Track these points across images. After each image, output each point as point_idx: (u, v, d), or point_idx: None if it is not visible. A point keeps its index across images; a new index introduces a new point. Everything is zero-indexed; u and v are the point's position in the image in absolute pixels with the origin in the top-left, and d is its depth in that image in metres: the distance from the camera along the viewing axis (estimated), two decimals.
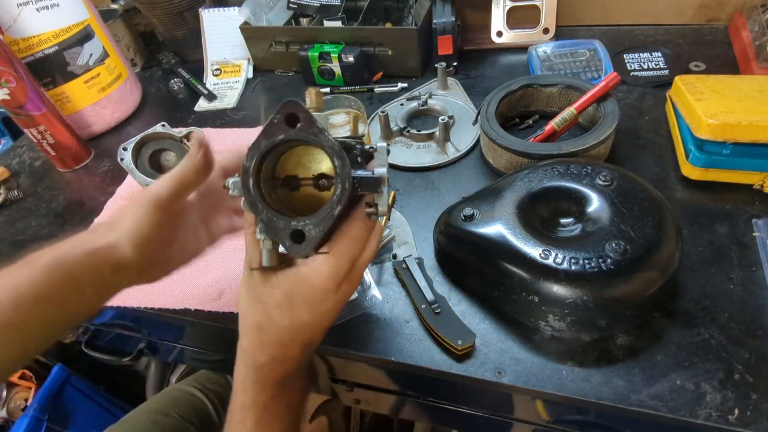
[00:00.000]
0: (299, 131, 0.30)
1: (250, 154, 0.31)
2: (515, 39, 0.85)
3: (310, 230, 0.31)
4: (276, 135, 0.31)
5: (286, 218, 0.31)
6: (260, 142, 0.31)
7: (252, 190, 0.32)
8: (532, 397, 0.48)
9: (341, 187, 0.30)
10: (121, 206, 0.36)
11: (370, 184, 0.32)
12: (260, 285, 0.35)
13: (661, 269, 0.40)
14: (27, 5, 0.73)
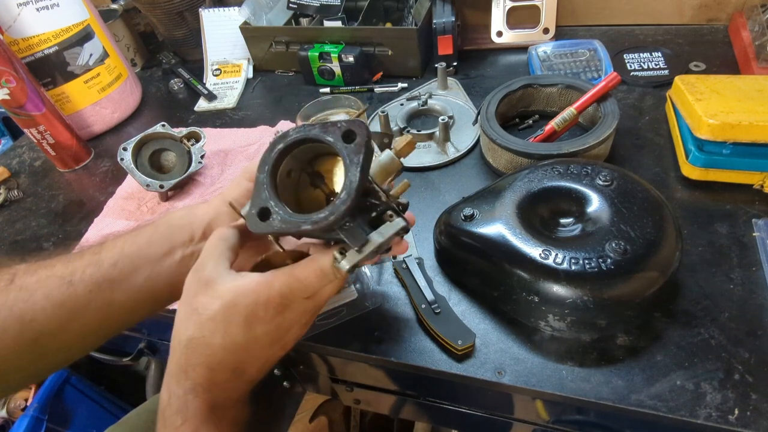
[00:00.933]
0: (342, 143, 0.31)
1: (298, 129, 0.33)
2: (515, 39, 0.85)
3: (277, 214, 0.32)
4: (327, 135, 0.32)
5: (279, 201, 0.32)
6: (315, 127, 0.33)
7: (273, 151, 0.33)
8: (532, 397, 0.48)
9: (332, 214, 0.30)
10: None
11: (355, 238, 0.32)
12: (201, 293, 0.33)
13: (661, 269, 0.40)
14: (27, 5, 0.73)
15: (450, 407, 0.58)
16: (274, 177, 0.33)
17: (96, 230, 0.68)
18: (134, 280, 0.39)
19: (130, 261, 0.39)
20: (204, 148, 0.71)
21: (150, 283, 0.39)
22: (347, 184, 0.30)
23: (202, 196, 0.70)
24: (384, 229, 0.33)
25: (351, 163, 0.31)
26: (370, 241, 0.32)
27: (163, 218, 0.42)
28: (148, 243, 0.40)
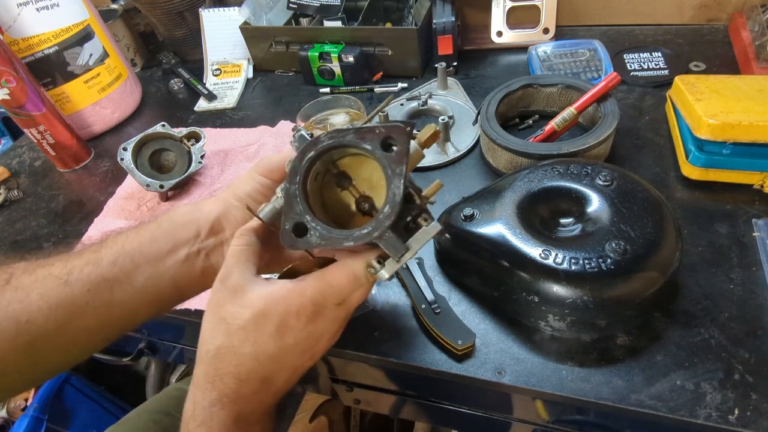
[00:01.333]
0: (381, 152, 0.30)
1: (331, 135, 0.31)
2: (515, 39, 0.85)
3: (314, 230, 0.31)
4: (364, 143, 0.30)
5: (314, 215, 0.31)
6: (349, 131, 0.31)
7: (304, 160, 0.31)
8: (532, 397, 0.48)
9: (376, 230, 0.29)
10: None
11: (395, 248, 0.31)
12: (229, 302, 0.32)
13: (661, 269, 0.40)
14: (27, 5, 0.73)
15: (450, 407, 0.58)
16: (305, 187, 0.32)
17: (96, 230, 0.68)
18: (135, 280, 0.37)
19: (130, 259, 0.37)
20: (204, 148, 0.71)
21: (152, 282, 0.38)
22: (390, 197, 0.29)
23: (202, 196, 0.70)
24: (421, 235, 0.32)
25: (393, 174, 0.29)
26: (409, 250, 0.31)
27: (167, 214, 0.40)
28: (151, 240, 0.38)
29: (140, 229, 0.39)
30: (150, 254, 0.38)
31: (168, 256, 0.38)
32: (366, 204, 0.35)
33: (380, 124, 0.31)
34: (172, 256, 0.38)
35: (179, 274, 0.38)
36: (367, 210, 0.35)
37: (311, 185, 0.33)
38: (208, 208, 0.40)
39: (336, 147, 0.32)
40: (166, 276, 0.38)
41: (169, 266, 0.38)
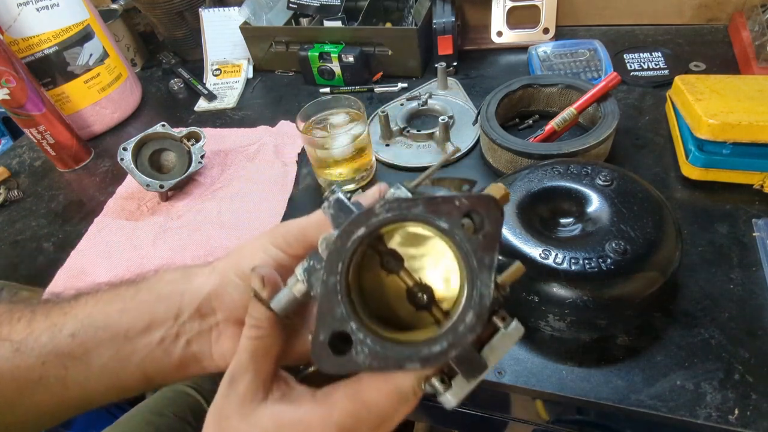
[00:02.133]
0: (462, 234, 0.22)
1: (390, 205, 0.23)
2: (515, 39, 0.85)
3: (362, 345, 0.22)
4: (438, 218, 0.22)
5: (361, 321, 0.23)
6: (417, 201, 0.23)
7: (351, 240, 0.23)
8: (532, 397, 0.48)
9: (453, 347, 0.22)
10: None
11: (471, 365, 0.23)
12: (235, 416, 0.25)
13: (661, 269, 0.40)
14: (27, 5, 0.73)
15: None
16: (347, 279, 0.23)
17: (96, 230, 0.68)
18: (93, 359, 0.30)
19: (93, 333, 0.30)
20: (204, 148, 0.71)
21: (115, 365, 0.30)
22: (475, 299, 0.22)
23: (202, 196, 0.70)
24: (500, 342, 0.24)
25: (480, 266, 0.22)
26: (487, 366, 0.23)
27: (152, 278, 0.33)
28: (121, 311, 0.31)
29: (117, 292, 0.32)
30: (117, 330, 0.30)
31: (139, 336, 0.30)
32: (423, 295, 0.26)
33: (460, 193, 0.23)
34: (144, 337, 0.30)
35: (149, 361, 0.31)
36: (425, 304, 0.26)
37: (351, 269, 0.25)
38: (199, 280, 0.31)
39: (397, 221, 0.23)
40: (132, 360, 0.31)
41: (139, 349, 0.30)
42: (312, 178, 0.69)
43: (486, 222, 0.22)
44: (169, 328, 0.31)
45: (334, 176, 0.64)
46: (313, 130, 0.64)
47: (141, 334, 0.30)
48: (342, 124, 0.64)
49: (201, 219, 0.66)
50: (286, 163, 0.72)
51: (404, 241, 0.26)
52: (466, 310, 0.22)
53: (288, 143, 0.75)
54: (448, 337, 0.22)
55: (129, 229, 0.67)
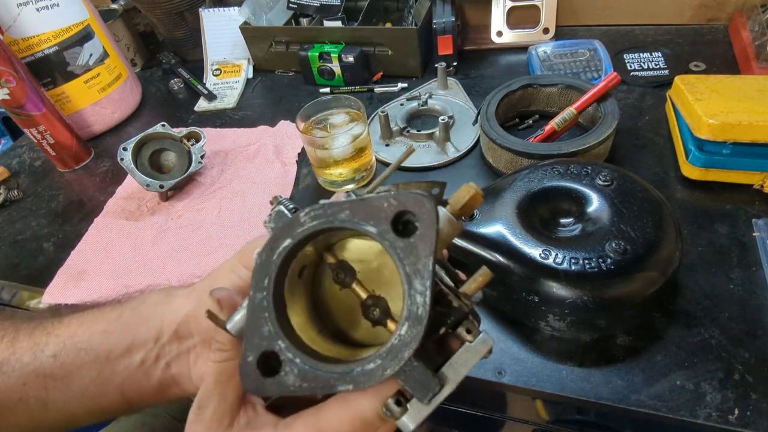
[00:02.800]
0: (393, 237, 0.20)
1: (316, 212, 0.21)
2: (515, 39, 0.85)
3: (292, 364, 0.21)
4: (366, 223, 0.20)
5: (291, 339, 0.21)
6: (344, 205, 0.21)
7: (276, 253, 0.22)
8: (532, 397, 0.48)
9: (389, 366, 0.20)
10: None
11: (422, 385, 0.21)
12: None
13: (661, 269, 0.40)
14: (27, 5, 0.73)
15: (450, 407, 0.58)
16: (280, 294, 0.22)
17: (96, 230, 0.68)
18: (74, 381, 0.30)
19: (75, 354, 0.30)
20: (204, 148, 0.71)
21: (96, 388, 0.30)
22: (410, 309, 0.20)
23: (202, 196, 0.70)
24: (463, 356, 0.22)
25: (412, 272, 0.20)
26: (445, 385, 0.21)
27: (137, 300, 0.33)
28: (104, 333, 0.31)
29: (100, 312, 0.32)
30: (99, 351, 0.30)
31: (120, 358, 0.30)
32: (376, 309, 0.24)
33: (391, 191, 0.21)
34: (125, 359, 0.30)
35: (129, 383, 0.31)
36: (378, 318, 0.24)
37: (293, 285, 0.24)
38: (178, 302, 0.31)
39: (323, 231, 0.21)
40: (112, 382, 0.30)
41: (119, 371, 0.30)
42: (312, 178, 0.69)
43: (419, 221, 0.20)
44: (149, 350, 0.30)
45: (334, 176, 0.64)
46: (313, 130, 0.64)
47: (122, 356, 0.30)
48: (342, 124, 0.64)
49: (201, 219, 0.66)
50: (286, 163, 0.72)
51: (356, 250, 0.24)
52: (402, 320, 0.20)
53: (288, 143, 0.75)
54: (382, 354, 0.20)
55: (129, 229, 0.67)
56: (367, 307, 0.24)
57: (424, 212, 0.20)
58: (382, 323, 0.24)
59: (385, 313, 0.24)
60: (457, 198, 0.24)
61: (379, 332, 0.24)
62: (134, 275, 0.60)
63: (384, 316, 0.24)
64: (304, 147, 0.69)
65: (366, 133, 0.62)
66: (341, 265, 0.25)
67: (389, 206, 0.20)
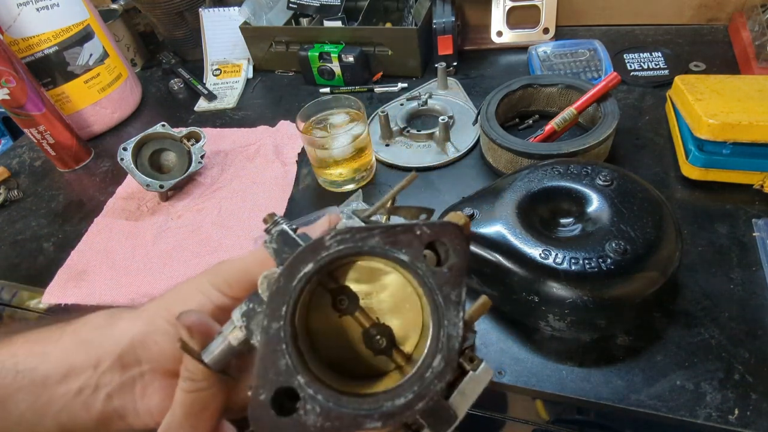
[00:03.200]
0: (426, 268, 0.20)
1: (342, 235, 0.20)
2: (515, 39, 0.85)
3: (313, 402, 0.19)
4: (396, 250, 0.20)
5: (311, 374, 0.20)
6: (374, 231, 0.20)
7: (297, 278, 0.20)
8: (532, 397, 0.48)
9: (421, 399, 0.19)
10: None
11: (440, 419, 0.20)
12: None
13: (661, 269, 0.40)
14: (27, 5, 0.73)
15: None
16: (294, 324, 0.20)
17: (96, 230, 0.68)
18: (12, 406, 0.26)
19: (12, 377, 0.26)
20: (204, 148, 0.71)
21: (33, 416, 0.27)
22: (443, 341, 0.19)
23: (202, 196, 0.70)
24: (469, 386, 0.21)
25: (446, 302, 0.19)
26: (457, 418, 0.21)
27: (80, 321, 0.29)
28: (43, 355, 0.27)
29: (46, 331, 0.29)
30: (35, 375, 0.27)
31: (57, 385, 0.27)
32: (382, 338, 0.23)
33: (421, 222, 0.20)
34: (61, 386, 0.27)
35: (67, 414, 0.27)
36: (384, 348, 0.23)
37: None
38: (122, 326, 0.28)
39: (351, 255, 0.20)
40: (49, 411, 0.27)
41: (56, 399, 0.27)
42: (312, 178, 0.69)
43: (451, 253, 0.20)
44: (87, 378, 0.27)
45: (334, 176, 0.64)
46: (313, 130, 0.64)
47: (59, 382, 0.27)
48: (342, 124, 0.64)
49: (201, 219, 0.66)
50: (286, 163, 0.72)
51: (358, 276, 0.23)
52: (432, 354, 0.19)
53: (288, 143, 0.75)
54: (413, 387, 0.19)
55: (129, 229, 0.67)
56: (371, 337, 0.23)
57: (457, 243, 0.20)
58: (386, 354, 0.23)
59: (390, 343, 0.23)
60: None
61: (381, 363, 0.23)
62: (134, 275, 0.60)
63: (389, 347, 0.23)
64: (304, 147, 0.69)
65: (366, 133, 0.62)
66: (343, 290, 0.23)
67: (423, 235, 0.20)
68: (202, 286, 0.27)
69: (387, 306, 0.24)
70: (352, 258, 0.21)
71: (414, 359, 0.21)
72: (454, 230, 0.20)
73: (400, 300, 0.23)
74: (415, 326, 0.23)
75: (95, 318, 0.28)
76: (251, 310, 0.22)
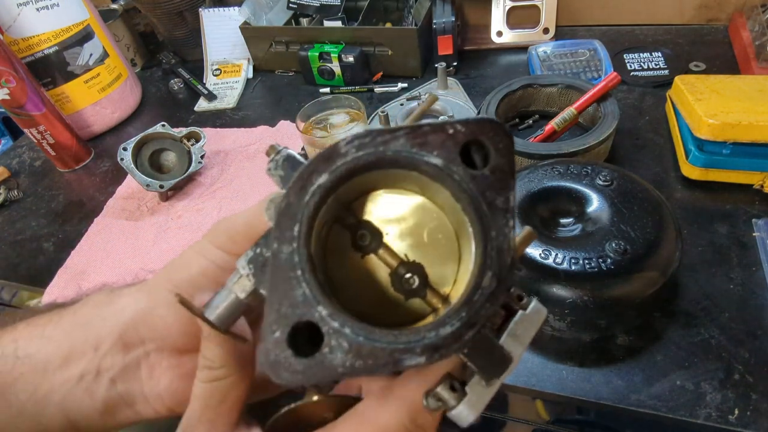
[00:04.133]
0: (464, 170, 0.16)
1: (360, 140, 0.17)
2: (515, 39, 0.85)
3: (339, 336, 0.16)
4: (427, 154, 0.16)
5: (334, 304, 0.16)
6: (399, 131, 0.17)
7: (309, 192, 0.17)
8: (532, 397, 0.48)
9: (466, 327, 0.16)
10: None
11: (489, 359, 0.17)
12: None
13: (661, 269, 0.40)
14: (27, 5, 0.73)
15: None
16: (309, 248, 0.17)
17: (96, 230, 0.68)
18: (12, 396, 0.25)
19: (12, 364, 0.25)
20: (204, 148, 0.71)
21: (35, 406, 0.25)
22: (491, 255, 0.16)
23: (202, 195, 0.70)
24: (521, 327, 0.19)
25: (493, 210, 0.16)
26: (512, 360, 0.18)
27: (80, 301, 0.27)
28: (43, 338, 0.25)
29: (47, 315, 0.27)
30: (35, 361, 0.25)
31: (58, 371, 0.25)
32: (414, 276, 0.19)
33: (453, 119, 0.17)
34: (63, 371, 0.25)
35: (71, 402, 0.25)
36: (416, 288, 0.19)
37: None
38: (123, 302, 0.25)
39: (372, 164, 0.17)
40: (52, 399, 0.25)
41: (59, 384, 0.25)
42: None
43: (492, 153, 0.16)
44: (88, 363, 0.24)
45: None
46: (313, 130, 0.64)
47: (59, 368, 0.25)
48: (342, 124, 0.64)
49: (201, 219, 0.66)
50: None
51: (379, 209, 0.20)
52: (481, 272, 0.16)
53: (288, 143, 0.75)
54: (460, 314, 0.15)
55: (129, 229, 0.67)
56: (400, 277, 0.19)
57: (500, 141, 0.16)
58: (420, 295, 0.19)
59: (423, 283, 0.19)
60: None
61: (413, 308, 0.20)
62: (134, 275, 0.60)
63: (423, 287, 0.19)
64: (304, 147, 0.69)
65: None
66: (365, 226, 0.20)
67: (457, 133, 0.16)
68: (203, 249, 0.24)
69: (416, 240, 0.20)
70: (373, 170, 0.17)
71: (452, 299, 0.18)
72: (494, 127, 0.16)
73: (431, 232, 0.20)
74: (451, 262, 0.20)
75: (96, 296, 0.26)
76: (259, 255, 0.18)
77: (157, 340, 0.25)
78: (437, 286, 0.20)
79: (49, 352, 0.25)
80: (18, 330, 0.26)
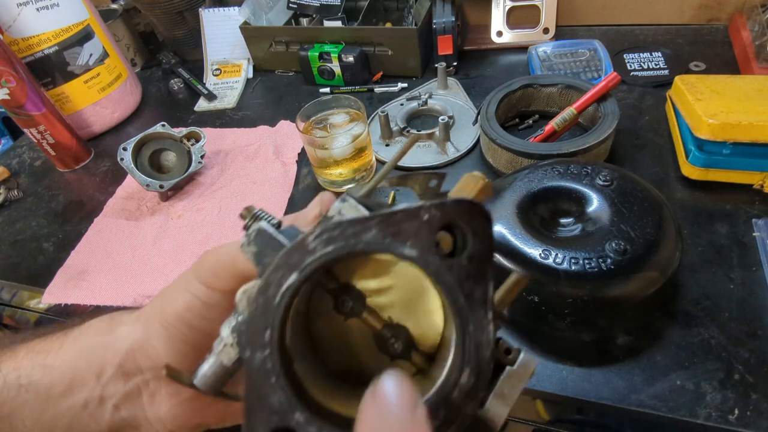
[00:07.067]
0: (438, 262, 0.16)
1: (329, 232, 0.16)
2: (515, 39, 0.85)
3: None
4: (401, 245, 0.16)
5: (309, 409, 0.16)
6: (369, 222, 0.16)
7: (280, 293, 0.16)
8: (532, 397, 0.48)
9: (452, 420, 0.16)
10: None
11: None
12: None
13: (661, 269, 0.40)
14: (27, 5, 0.73)
15: None
16: (285, 348, 0.17)
17: (96, 230, 0.68)
18: (18, 422, 0.25)
19: (16, 391, 0.25)
20: (204, 148, 0.71)
21: (41, 430, 0.26)
22: (469, 351, 0.16)
23: (202, 195, 0.70)
24: (508, 385, 0.18)
25: (470, 303, 0.16)
26: (496, 428, 0.18)
27: (79, 328, 0.27)
28: (45, 366, 0.26)
29: (48, 341, 0.27)
30: (39, 388, 0.25)
31: (62, 398, 0.25)
32: (398, 342, 0.19)
33: (428, 202, 0.16)
34: (66, 399, 0.25)
35: (78, 428, 0.26)
36: (400, 352, 0.19)
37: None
38: (122, 331, 0.26)
39: (342, 257, 0.16)
40: (58, 426, 0.26)
41: (62, 413, 0.25)
42: (312, 178, 0.69)
43: (470, 238, 0.16)
44: (92, 390, 0.25)
45: (334, 176, 0.64)
46: (313, 130, 0.64)
47: (63, 395, 0.25)
48: (342, 124, 0.64)
49: (201, 219, 0.66)
50: (286, 163, 0.72)
51: (362, 270, 0.20)
52: (458, 368, 0.16)
53: (288, 143, 0.75)
54: (438, 414, 0.16)
55: (129, 229, 0.67)
56: (384, 340, 0.19)
57: (477, 224, 0.16)
58: (404, 357, 0.20)
59: (408, 345, 0.19)
60: (462, 191, 0.19)
61: (400, 367, 0.20)
62: (134, 275, 0.60)
63: (407, 350, 0.19)
64: (304, 147, 0.69)
65: (366, 133, 0.62)
66: (346, 289, 0.20)
67: (431, 219, 0.16)
68: (188, 283, 0.25)
69: (400, 301, 0.20)
70: (345, 260, 0.17)
71: (438, 359, 0.18)
72: (470, 209, 0.16)
73: (416, 292, 0.20)
74: (436, 320, 0.20)
75: (97, 323, 0.27)
76: (241, 323, 0.18)
77: (154, 369, 0.25)
78: (422, 344, 0.20)
79: (52, 379, 0.25)
80: (19, 358, 0.26)
